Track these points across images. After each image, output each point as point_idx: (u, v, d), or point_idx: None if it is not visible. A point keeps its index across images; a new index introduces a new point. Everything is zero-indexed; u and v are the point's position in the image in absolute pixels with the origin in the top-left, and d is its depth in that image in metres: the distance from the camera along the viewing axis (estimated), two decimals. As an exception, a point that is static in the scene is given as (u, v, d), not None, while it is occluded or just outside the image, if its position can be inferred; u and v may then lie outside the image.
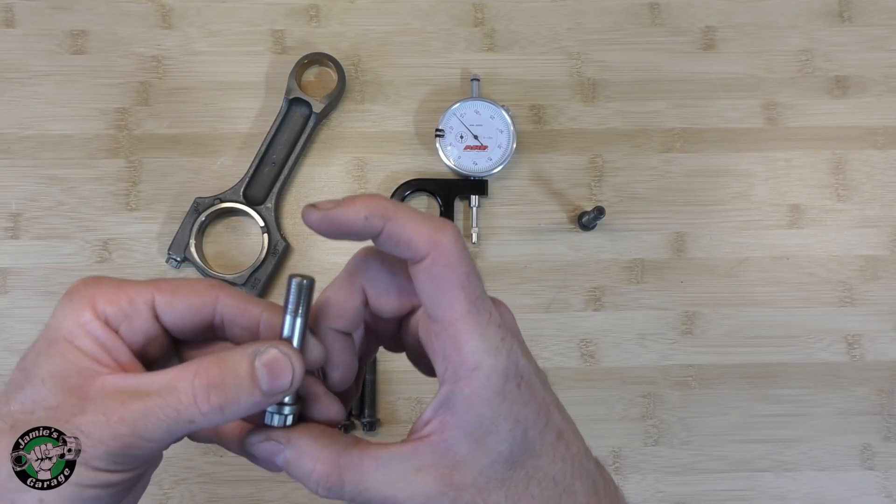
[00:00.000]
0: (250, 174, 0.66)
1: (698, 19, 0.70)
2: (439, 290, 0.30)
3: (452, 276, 0.30)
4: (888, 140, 0.69)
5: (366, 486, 0.31)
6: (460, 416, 0.31)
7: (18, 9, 0.68)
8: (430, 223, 0.30)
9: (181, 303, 0.33)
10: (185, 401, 0.29)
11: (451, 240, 0.30)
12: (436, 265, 0.30)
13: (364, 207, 0.30)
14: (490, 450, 0.31)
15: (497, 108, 0.67)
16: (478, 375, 0.30)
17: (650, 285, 0.68)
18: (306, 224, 0.30)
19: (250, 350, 0.30)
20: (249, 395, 0.30)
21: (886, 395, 0.67)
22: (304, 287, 0.31)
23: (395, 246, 0.30)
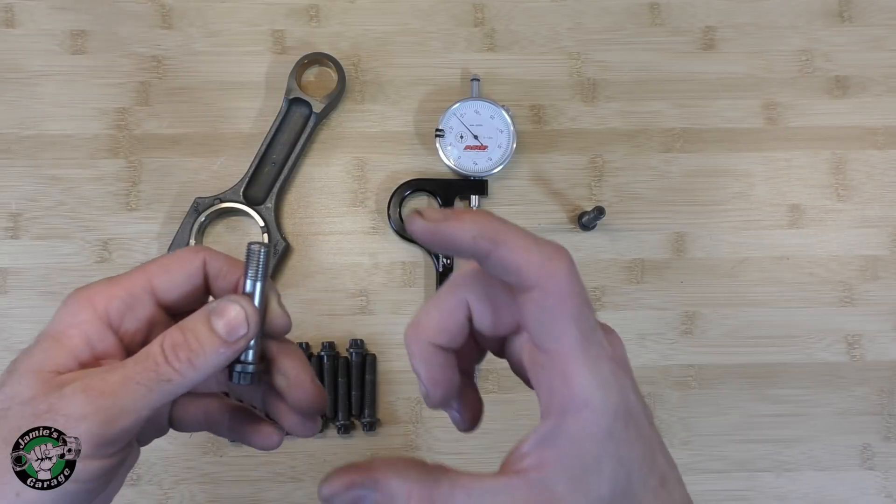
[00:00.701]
0: (250, 174, 0.66)
1: (698, 19, 0.70)
2: (550, 321, 0.28)
3: (565, 309, 0.28)
4: (888, 140, 0.70)
5: None
6: (563, 453, 0.28)
7: (18, 9, 0.68)
8: (542, 250, 0.29)
9: (178, 276, 0.34)
10: (159, 360, 0.31)
11: (564, 269, 0.29)
12: (547, 297, 0.28)
13: (473, 226, 0.29)
14: (590, 491, 0.28)
15: (497, 108, 0.67)
16: (586, 413, 0.28)
17: (650, 285, 0.68)
18: (409, 230, 0.30)
19: (207, 308, 0.32)
20: (212, 345, 0.32)
21: (886, 395, 0.67)
22: (259, 252, 0.34)
23: (504, 272, 0.29)
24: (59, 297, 0.34)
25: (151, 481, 0.64)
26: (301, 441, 0.65)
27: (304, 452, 0.65)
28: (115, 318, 0.33)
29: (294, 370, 0.35)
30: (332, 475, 0.30)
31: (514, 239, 0.28)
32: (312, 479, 0.65)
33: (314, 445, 0.65)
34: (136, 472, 0.64)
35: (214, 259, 0.35)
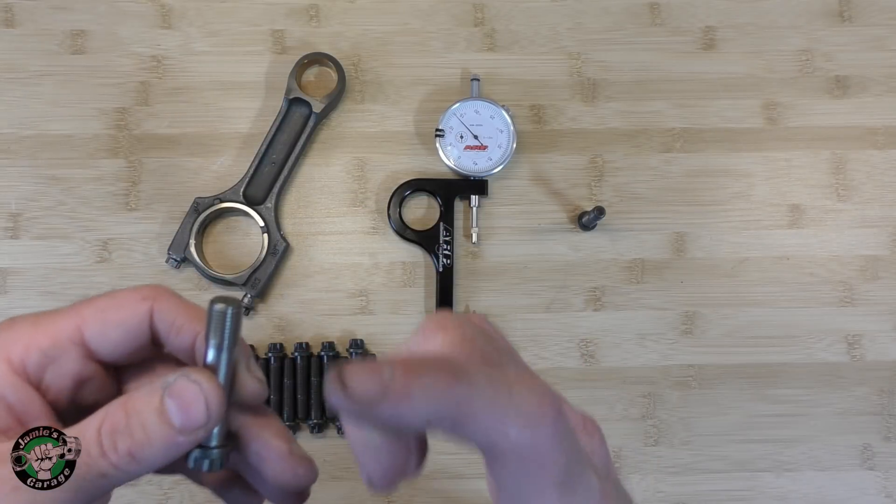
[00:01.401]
0: (250, 174, 0.66)
1: (698, 19, 0.70)
2: (527, 489, 0.24)
3: (547, 477, 0.24)
4: (888, 140, 0.69)
5: None
6: (499, 474, 0.25)
7: (18, 9, 0.68)
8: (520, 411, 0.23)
9: (113, 329, 0.28)
10: (92, 451, 0.25)
11: (549, 433, 0.23)
12: (527, 465, 0.23)
13: (427, 405, 0.22)
14: None
15: (497, 108, 0.67)
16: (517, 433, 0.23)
17: (650, 285, 0.68)
18: (328, 401, 0.23)
19: (159, 384, 0.26)
20: (162, 435, 0.25)
21: (886, 395, 0.67)
22: (227, 315, 0.27)
23: (470, 444, 0.24)
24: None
25: (151, 481, 0.64)
26: (301, 441, 0.65)
27: (304, 452, 0.65)
28: (33, 372, 0.27)
29: (268, 447, 0.29)
30: None
31: (482, 408, 0.23)
32: (312, 479, 0.65)
33: (314, 445, 0.65)
34: (135, 473, 0.64)
35: (166, 310, 0.28)
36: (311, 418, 0.64)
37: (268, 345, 0.65)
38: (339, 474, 0.65)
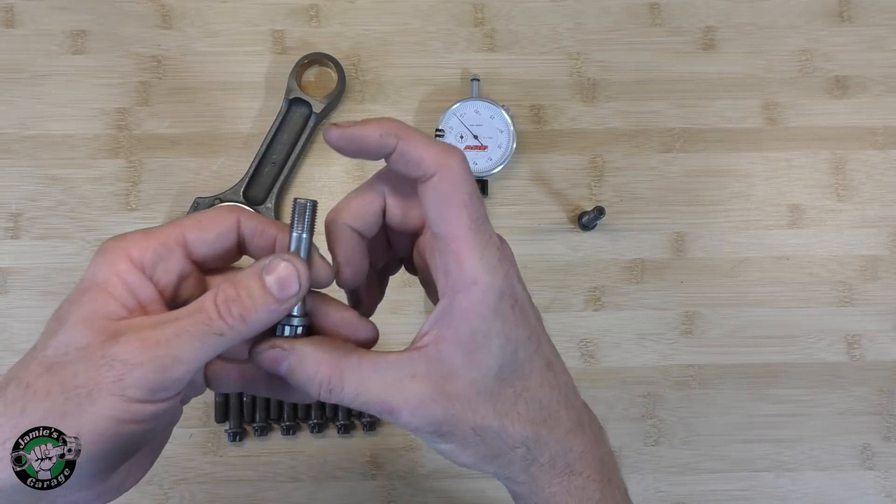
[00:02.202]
0: (250, 174, 0.66)
1: (698, 19, 0.70)
2: (444, 206, 0.32)
3: (457, 195, 0.32)
4: (888, 140, 0.70)
5: (364, 388, 0.33)
6: (455, 328, 0.32)
7: (18, 9, 0.68)
8: (439, 145, 0.33)
9: (210, 234, 0.35)
10: (212, 315, 0.32)
11: (458, 161, 0.32)
12: (442, 183, 0.32)
13: (379, 127, 0.32)
14: (481, 363, 0.33)
15: (497, 108, 0.67)
16: (475, 290, 0.32)
17: (650, 285, 0.68)
18: (326, 141, 0.33)
19: (259, 265, 0.33)
20: (264, 303, 0.32)
21: (886, 395, 0.67)
22: (308, 207, 0.34)
23: (406, 164, 0.32)
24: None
25: (151, 481, 0.64)
26: (301, 441, 0.65)
27: (304, 452, 0.65)
28: (148, 268, 0.33)
29: (339, 315, 0.36)
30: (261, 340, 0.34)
31: (415, 135, 0.32)
32: (312, 479, 0.65)
33: (314, 445, 0.65)
34: (136, 472, 0.64)
35: (249, 220, 0.35)
36: (312, 418, 0.64)
37: (268, 345, 0.65)
38: (339, 474, 0.65)
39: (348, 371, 0.33)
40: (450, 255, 0.32)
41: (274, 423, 0.65)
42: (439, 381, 0.33)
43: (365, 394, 0.33)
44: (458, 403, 0.33)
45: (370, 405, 0.33)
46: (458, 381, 0.33)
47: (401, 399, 0.33)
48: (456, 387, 0.33)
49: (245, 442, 0.65)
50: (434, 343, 0.33)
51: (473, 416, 0.33)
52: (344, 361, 0.33)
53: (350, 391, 0.33)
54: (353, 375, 0.33)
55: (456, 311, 0.32)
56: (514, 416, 0.34)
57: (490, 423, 0.33)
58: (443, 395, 0.33)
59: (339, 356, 0.33)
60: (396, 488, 0.65)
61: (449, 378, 0.33)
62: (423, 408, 0.33)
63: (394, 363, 0.33)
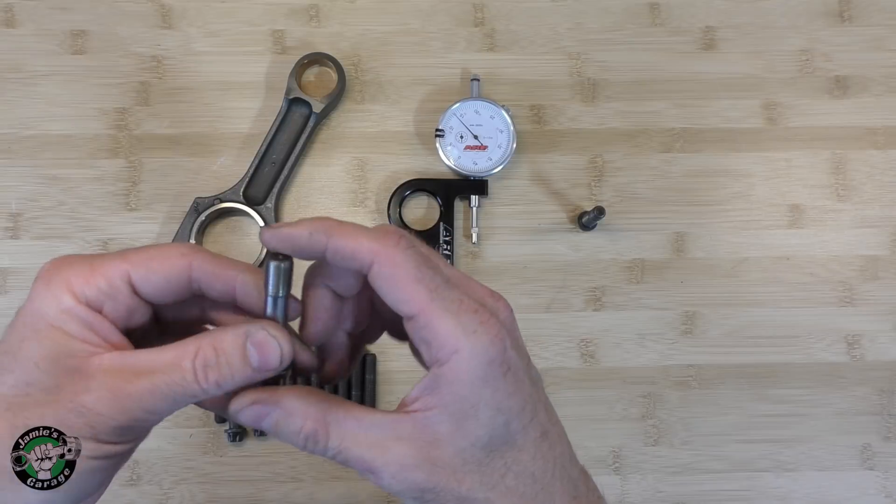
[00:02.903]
0: (250, 174, 0.66)
1: (698, 19, 0.70)
2: (395, 290, 0.31)
3: (402, 274, 0.31)
4: (888, 140, 0.69)
5: (346, 445, 0.32)
6: (443, 397, 0.31)
7: (18, 9, 0.68)
8: (371, 233, 0.32)
9: (157, 276, 0.33)
10: (188, 378, 0.31)
11: (392, 242, 0.31)
12: (383, 269, 0.31)
13: (309, 226, 0.32)
14: (469, 433, 0.32)
15: (497, 108, 0.67)
16: (458, 358, 0.31)
17: (650, 285, 0.68)
18: (262, 242, 0.33)
19: (242, 331, 0.32)
20: (242, 374, 0.32)
21: (886, 395, 0.67)
22: (283, 270, 0.33)
23: (343, 260, 0.32)
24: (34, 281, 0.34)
25: (151, 481, 0.64)
26: (301, 441, 0.65)
27: (304, 452, 0.65)
28: (94, 304, 0.33)
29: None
30: (240, 395, 0.33)
31: (345, 230, 0.32)
32: (313, 479, 0.65)
33: (314, 445, 0.65)
34: (136, 472, 0.64)
35: (204, 263, 0.34)
36: (311, 418, 0.64)
37: (268, 345, 0.65)
38: (339, 474, 0.65)
39: (333, 425, 0.32)
40: (425, 330, 0.31)
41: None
42: (424, 447, 0.31)
43: (347, 450, 0.32)
44: (443, 472, 0.32)
45: (351, 462, 0.32)
46: (444, 448, 0.32)
47: (382, 461, 0.32)
48: (442, 454, 0.32)
49: (245, 442, 0.65)
50: (422, 409, 0.32)
51: (458, 486, 0.32)
52: (329, 415, 0.32)
53: (333, 446, 0.32)
54: (337, 430, 0.32)
55: (443, 381, 0.31)
56: (501, 489, 0.32)
57: (475, 496, 0.32)
58: (427, 462, 0.31)
59: (324, 409, 0.32)
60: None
61: (435, 445, 0.32)
62: (404, 472, 0.31)
63: (379, 423, 0.32)
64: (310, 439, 0.32)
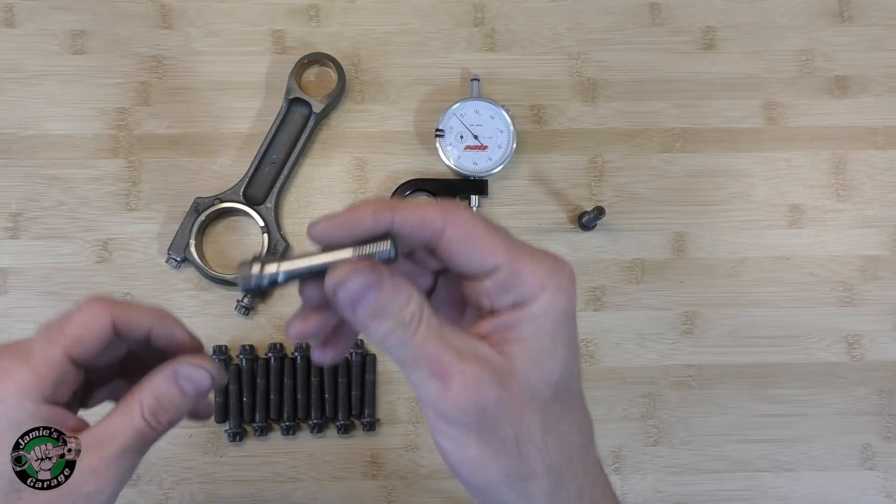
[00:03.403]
0: (250, 174, 0.66)
1: (698, 19, 0.70)
2: (474, 245, 0.31)
3: (479, 230, 0.31)
4: (888, 140, 0.69)
5: (430, 339, 0.30)
6: (522, 331, 0.31)
7: (18, 9, 0.68)
8: (436, 204, 0.32)
9: (90, 345, 0.36)
10: (145, 430, 0.35)
11: (455, 207, 0.32)
12: (458, 228, 0.31)
13: (369, 206, 0.31)
14: (544, 368, 0.31)
15: (497, 108, 0.67)
16: (545, 295, 0.31)
17: (650, 285, 0.68)
18: (314, 237, 0.32)
19: (169, 372, 0.36)
20: (186, 403, 0.36)
21: (886, 395, 0.67)
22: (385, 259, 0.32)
23: (412, 229, 0.31)
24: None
25: (151, 481, 0.64)
26: (301, 441, 0.65)
27: (304, 452, 0.65)
28: (50, 398, 0.35)
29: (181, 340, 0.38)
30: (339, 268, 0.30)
31: (407, 203, 0.32)
32: (313, 479, 0.65)
33: (314, 445, 0.65)
34: (136, 472, 0.64)
35: (122, 315, 0.37)
36: (312, 418, 0.64)
37: (268, 345, 0.65)
38: (339, 474, 0.65)
39: (427, 314, 0.31)
40: (509, 277, 0.31)
41: (274, 423, 0.65)
42: (498, 371, 0.30)
43: (427, 346, 0.30)
44: (510, 400, 0.30)
45: (423, 361, 0.30)
46: (516, 379, 0.30)
47: (459, 368, 0.30)
48: (513, 384, 0.30)
49: (245, 442, 0.65)
50: (499, 342, 0.31)
51: (520, 419, 0.31)
52: (426, 304, 0.31)
53: (420, 336, 0.30)
54: (429, 321, 0.31)
55: (524, 318, 0.31)
56: (556, 435, 0.32)
57: (533, 434, 0.31)
58: (500, 385, 0.30)
59: (421, 294, 0.31)
60: (396, 488, 0.65)
61: (509, 374, 0.30)
62: (477, 385, 0.30)
63: (461, 334, 0.31)
64: (404, 323, 0.30)
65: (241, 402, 0.65)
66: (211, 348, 0.65)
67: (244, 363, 0.65)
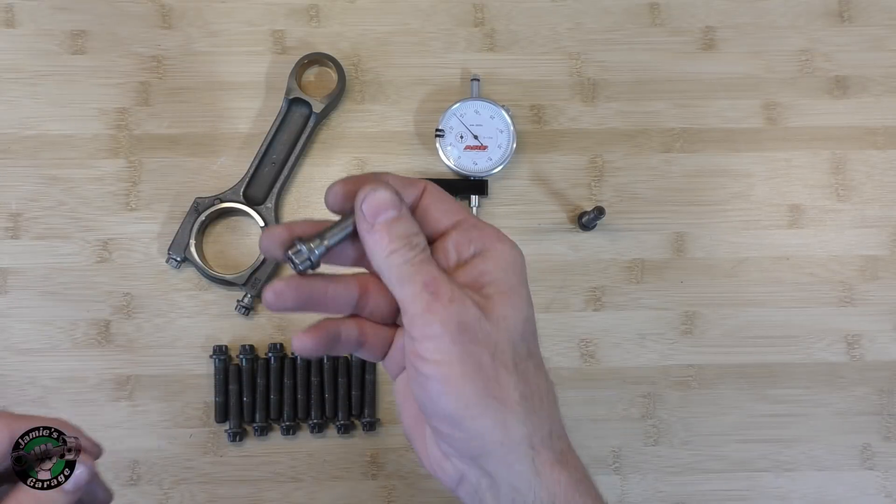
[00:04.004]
0: (250, 174, 0.66)
1: (698, 19, 0.70)
2: (445, 201, 0.37)
3: (446, 196, 0.37)
4: (888, 140, 0.69)
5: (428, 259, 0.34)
6: (493, 274, 0.35)
7: (18, 9, 0.68)
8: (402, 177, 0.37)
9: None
10: None
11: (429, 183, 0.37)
12: (434, 190, 0.37)
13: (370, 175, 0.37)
14: (515, 305, 0.35)
15: (497, 108, 0.67)
16: (501, 247, 0.35)
17: (650, 285, 0.68)
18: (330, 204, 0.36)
19: None
20: (65, 499, 0.36)
21: (886, 395, 0.67)
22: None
23: (402, 188, 0.36)
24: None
25: (151, 481, 0.64)
26: (301, 441, 0.65)
27: (304, 452, 0.65)
28: None
29: None
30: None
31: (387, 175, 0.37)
32: (313, 479, 0.65)
33: (314, 445, 0.65)
34: (136, 472, 0.64)
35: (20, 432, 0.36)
36: (312, 418, 0.64)
37: (268, 345, 0.65)
38: (339, 474, 0.65)
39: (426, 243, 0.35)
40: (466, 229, 0.35)
41: (274, 423, 0.65)
42: (478, 301, 0.34)
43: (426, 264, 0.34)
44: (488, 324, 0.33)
45: (418, 276, 0.33)
46: (492, 309, 0.34)
47: (447, 286, 0.33)
48: (490, 313, 0.34)
49: (245, 442, 0.65)
50: (473, 281, 0.34)
51: (495, 346, 0.33)
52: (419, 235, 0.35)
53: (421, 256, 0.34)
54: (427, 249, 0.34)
55: (490, 262, 0.35)
56: (525, 373, 0.34)
57: (507, 362, 0.34)
58: (480, 308, 0.34)
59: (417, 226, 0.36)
60: (396, 488, 0.65)
61: (485, 305, 0.34)
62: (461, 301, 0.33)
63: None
64: (409, 243, 0.34)
65: (241, 402, 0.65)
66: (212, 348, 0.65)
67: (244, 363, 0.65)
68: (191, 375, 0.65)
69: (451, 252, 0.36)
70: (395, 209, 0.34)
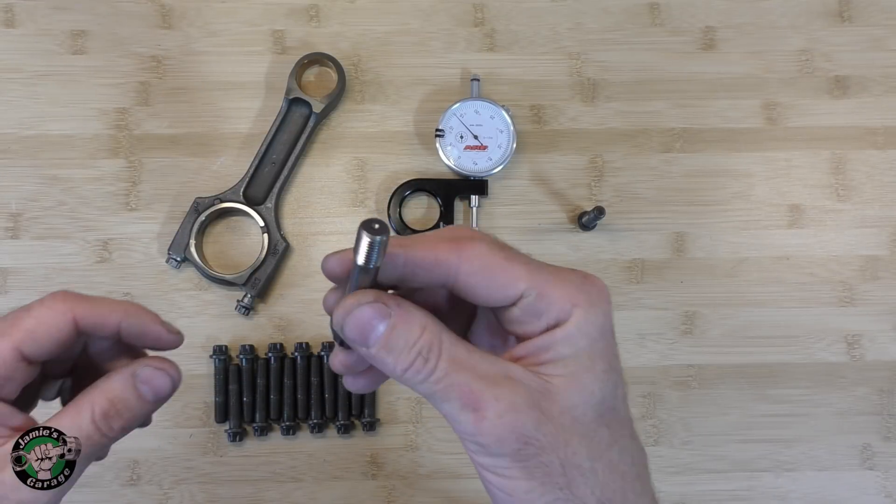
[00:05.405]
0: (250, 174, 0.66)
1: (698, 19, 0.70)
2: (494, 277, 0.29)
3: (496, 261, 0.29)
4: (888, 140, 0.69)
5: (456, 369, 0.28)
6: (558, 351, 0.29)
7: (18, 9, 0.68)
8: (448, 238, 0.30)
9: (45, 341, 0.33)
10: (95, 437, 0.32)
11: (476, 237, 0.30)
12: (474, 263, 0.29)
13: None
14: (584, 388, 0.29)
15: (497, 108, 0.67)
16: (578, 311, 0.29)
17: (650, 285, 0.68)
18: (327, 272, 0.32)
19: (129, 374, 0.33)
20: (143, 409, 0.33)
21: (886, 395, 0.67)
22: (379, 244, 0.28)
23: (425, 271, 0.29)
24: None
25: (151, 481, 0.64)
26: (301, 441, 0.65)
27: (304, 452, 0.65)
28: None
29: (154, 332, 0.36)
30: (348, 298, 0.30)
31: (418, 242, 0.30)
32: (313, 479, 0.65)
33: (314, 445, 0.65)
34: (136, 472, 0.64)
35: (86, 312, 0.34)
36: (312, 418, 0.64)
37: (268, 345, 0.65)
38: (339, 474, 0.65)
39: (447, 343, 0.28)
40: (537, 301, 0.29)
41: (274, 423, 0.65)
42: (535, 394, 0.28)
43: (455, 376, 0.28)
44: (551, 425, 0.28)
45: (454, 392, 0.28)
46: (555, 401, 0.28)
47: (492, 394, 0.27)
48: (552, 407, 0.28)
49: (245, 442, 0.65)
50: (534, 357, 0.29)
51: (565, 446, 0.28)
52: (444, 332, 0.29)
53: (442, 368, 0.28)
54: (450, 350, 0.28)
55: (559, 338, 0.29)
56: (606, 462, 0.29)
57: (580, 462, 0.29)
58: (537, 408, 0.28)
59: (439, 325, 0.29)
60: (396, 488, 0.65)
61: (546, 395, 0.28)
62: (514, 412, 0.27)
63: (490, 358, 0.29)
64: (422, 355, 0.28)
65: (241, 402, 0.65)
66: (211, 348, 0.65)
67: (244, 363, 0.65)
68: (191, 375, 0.65)
69: (517, 330, 0.30)
70: (383, 320, 0.28)
